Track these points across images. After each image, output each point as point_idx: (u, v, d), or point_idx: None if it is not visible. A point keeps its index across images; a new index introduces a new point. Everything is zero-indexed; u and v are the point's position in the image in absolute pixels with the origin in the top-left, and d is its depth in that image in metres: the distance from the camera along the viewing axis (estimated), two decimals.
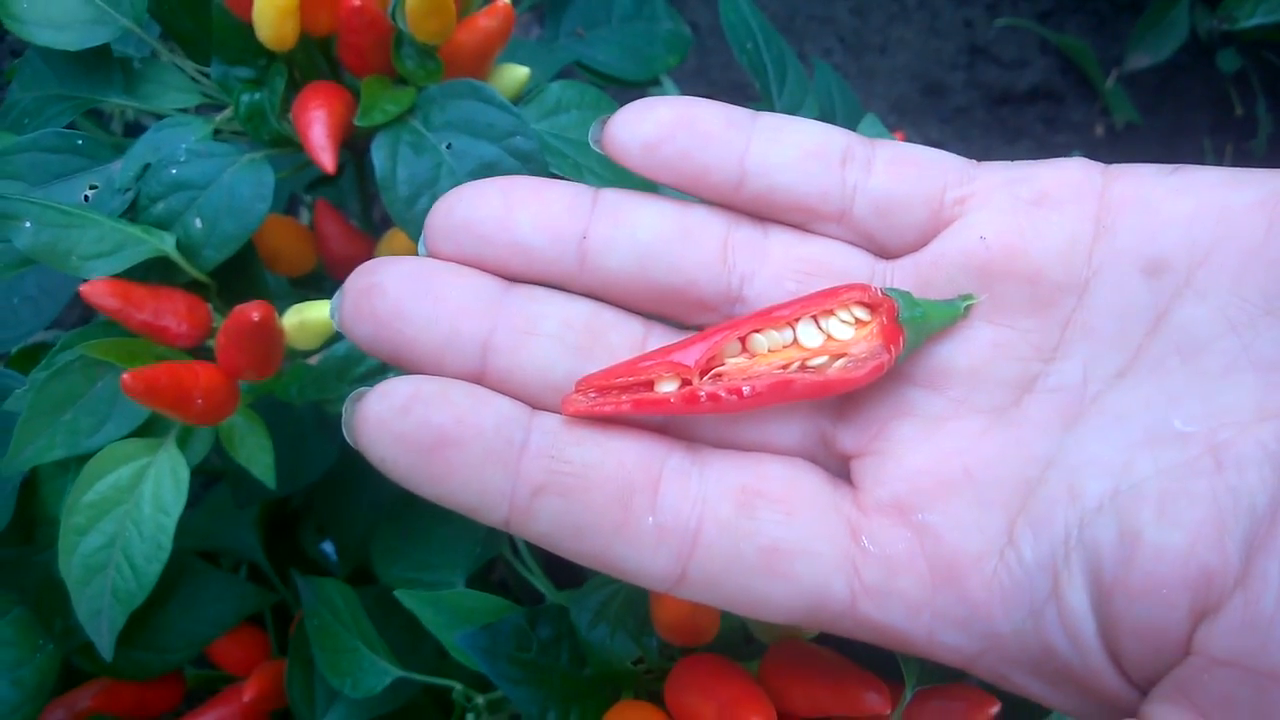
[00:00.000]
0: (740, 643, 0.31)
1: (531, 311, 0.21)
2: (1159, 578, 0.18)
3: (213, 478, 0.53)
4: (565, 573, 0.39)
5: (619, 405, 0.20)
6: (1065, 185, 0.21)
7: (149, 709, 0.40)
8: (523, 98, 0.36)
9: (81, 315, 0.65)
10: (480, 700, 0.34)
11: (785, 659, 0.28)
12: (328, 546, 0.47)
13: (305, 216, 0.59)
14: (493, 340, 0.21)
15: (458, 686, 0.34)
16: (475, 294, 0.21)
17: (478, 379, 0.21)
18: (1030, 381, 0.20)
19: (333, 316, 0.21)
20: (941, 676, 0.28)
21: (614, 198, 0.22)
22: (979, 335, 0.21)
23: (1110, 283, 0.20)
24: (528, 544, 0.36)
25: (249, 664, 0.40)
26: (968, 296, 0.21)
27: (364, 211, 0.42)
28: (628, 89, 0.45)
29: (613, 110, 0.37)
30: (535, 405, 0.21)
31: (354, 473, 0.44)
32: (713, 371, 0.21)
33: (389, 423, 0.20)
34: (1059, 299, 0.20)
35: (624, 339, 0.22)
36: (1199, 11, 0.86)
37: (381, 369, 0.35)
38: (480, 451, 0.20)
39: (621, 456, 0.20)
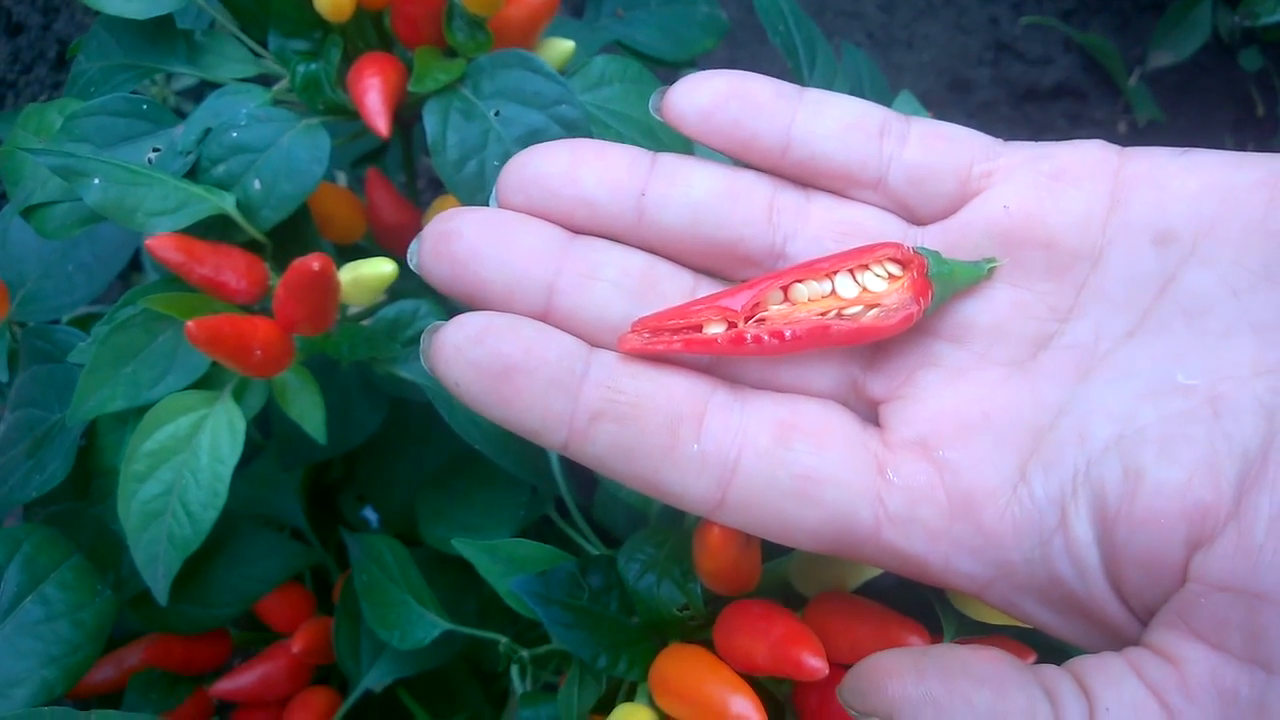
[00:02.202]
0: (780, 596, 0.32)
1: (593, 259, 0.23)
2: (1158, 510, 0.19)
3: (253, 451, 0.54)
4: (610, 539, 0.40)
5: (670, 345, 0.22)
6: (1083, 163, 0.22)
7: (197, 664, 0.41)
8: (567, 71, 0.38)
9: (121, 295, 0.67)
10: (525, 654, 0.35)
11: (828, 607, 0.29)
12: (369, 514, 0.48)
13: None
14: (557, 283, 0.22)
15: (504, 640, 0.35)
16: (543, 241, 0.22)
17: (542, 318, 0.22)
18: (1046, 339, 0.22)
19: (411, 260, 0.23)
20: (978, 629, 0.29)
21: (670, 160, 0.23)
22: (1000, 295, 0.23)
23: (1122, 251, 0.22)
24: (578, 505, 0.37)
25: (295, 621, 0.41)
26: (991, 260, 0.23)
27: (409, 183, 0.44)
28: (665, 69, 0.46)
29: (654, 85, 0.38)
30: (593, 343, 0.22)
31: (397, 439, 0.45)
32: (757, 316, 0.22)
33: (464, 350, 0.21)
34: (1074, 265, 0.22)
35: (676, 288, 0.23)
36: (1220, 10, 0.86)
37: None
38: (545, 379, 0.21)
39: (671, 390, 0.22)
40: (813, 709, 0.29)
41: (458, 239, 0.22)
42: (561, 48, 0.37)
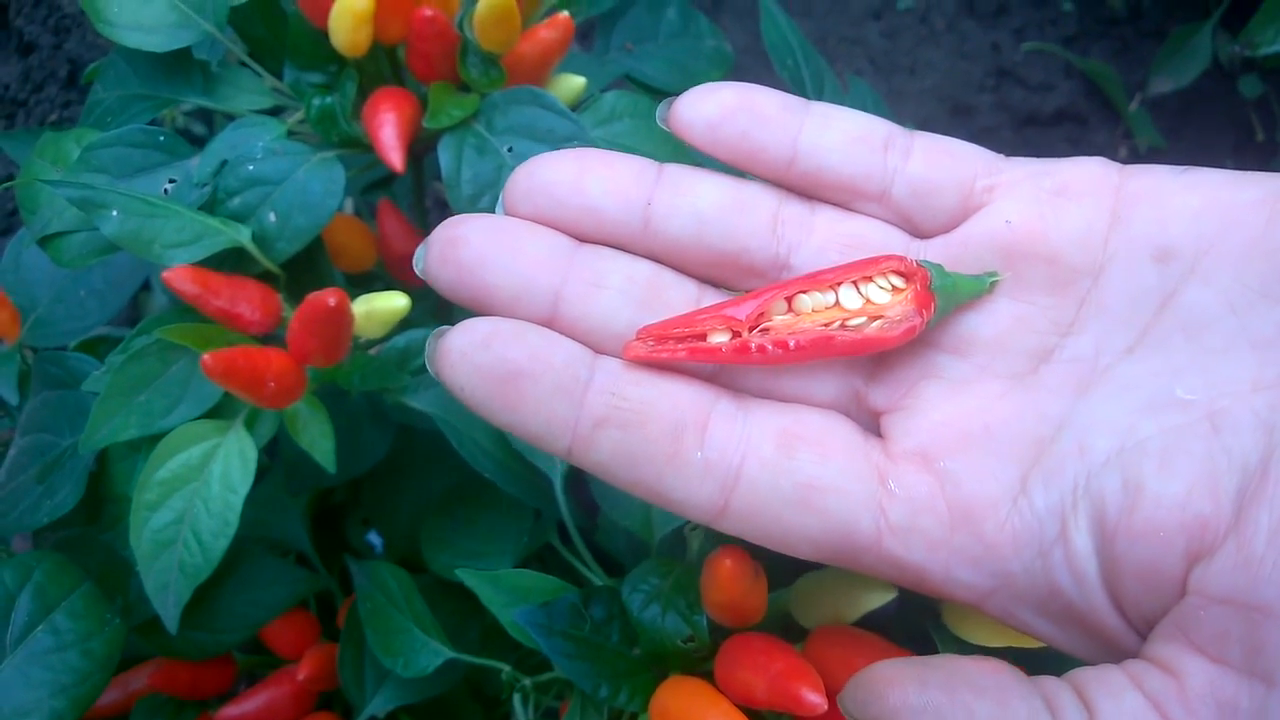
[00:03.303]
0: (783, 629, 0.32)
1: (599, 267, 0.23)
2: (1158, 522, 0.19)
3: (259, 473, 0.54)
4: (613, 565, 0.40)
5: (675, 353, 0.22)
6: (1085, 179, 0.23)
7: (203, 690, 0.41)
8: (579, 106, 0.38)
9: (129, 317, 0.67)
10: (527, 682, 0.36)
11: (827, 639, 0.29)
12: (373, 539, 0.48)
13: None
14: (563, 290, 0.23)
15: (506, 668, 0.35)
16: (549, 249, 0.23)
17: (548, 325, 0.23)
18: (1047, 353, 0.22)
19: (417, 266, 0.23)
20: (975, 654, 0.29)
21: (677, 171, 0.24)
22: (1002, 309, 0.23)
23: (1123, 267, 0.22)
24: (580, 533, 0.37)
25: (300, 647, 0.41)
26: (993, 273, 0.23)
27: (418, 214, 0.44)
28: None
29: None
30: (598, 351, 0.23)
31: (402, 465, 0.45)
32: (761, 326, 0.23)
33: (469, 355, 0.21)
34: (1076, 280, 0.22)
35: (681, 297, 0.24)
36: (1221, 38, 0.87)
37: None
38: (550, 385, 0.21)
39: (675, 398, 0.22)
40: None
41: (464, 245, 0.22)
42: (573, 84, 0.38)
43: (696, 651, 0.30)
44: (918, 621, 0.31)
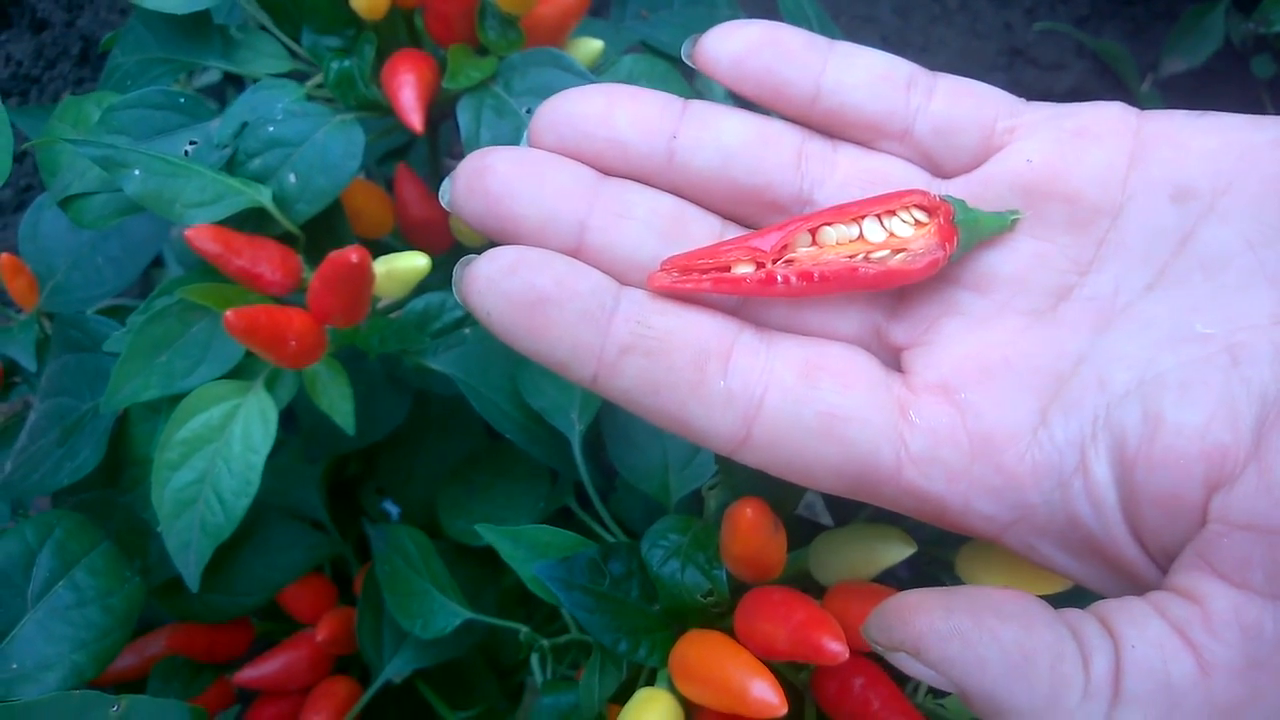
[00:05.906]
0: (800, 586, 0.32)
1: (624, 199, 0.23)
2: (1177, 451, 0.19)
3: (275, 445, 0.55)
4: (629, 532, 0.40)
5: (699, 284, 0.22)
6: (1105, 121, 0.23)
7: (220, 653, 0.41)
8: (596, 70, 0.38)
9: (142, 291, 0.68)
10: (545, 643, 0.36)
11: (846, 594, 0.29)
12: (389, 507, 0.49)
13: None
14: (589, 221, 0.23)
15: (524, 629, 0.36)
16: (575, 180, 0.23)
17: (573, 255, 0.23)
18: (1067, 290, 0.23)
19: (443, 198, 0.23)
20: None
21: (702, 106, 0.24)
22: (1022, 247, 0.23)
23: (1141, 207, 0.22)
24: (600, 495, 0.38)
25: (318, 610, 0.41)
26: (1014, 211, 0.23)
27: (434, 182, 0.44)
28: (687, 69, 0.47)
29: (680, 83, 0.39)
30: (623, 282, 0.23)
31: (417, 432, 0.45)
32: (785, 258, 0.23)
33: (496, 281, 0.21)
34: (1095, 219, 0.22)
35: (704, 231, 0.24)
36: (1234, 17, 0.87)
37: (458, 323, 0.37)
38: (576, 311, 0.22)
39: (700, 328, 0.22)
40: (832, 696, 0.30)
41: (492, 175, 0.22)
42: (591, 47, 0.38)
43: (716, 606, 0.30)
44: (933, 578, 0.32)
